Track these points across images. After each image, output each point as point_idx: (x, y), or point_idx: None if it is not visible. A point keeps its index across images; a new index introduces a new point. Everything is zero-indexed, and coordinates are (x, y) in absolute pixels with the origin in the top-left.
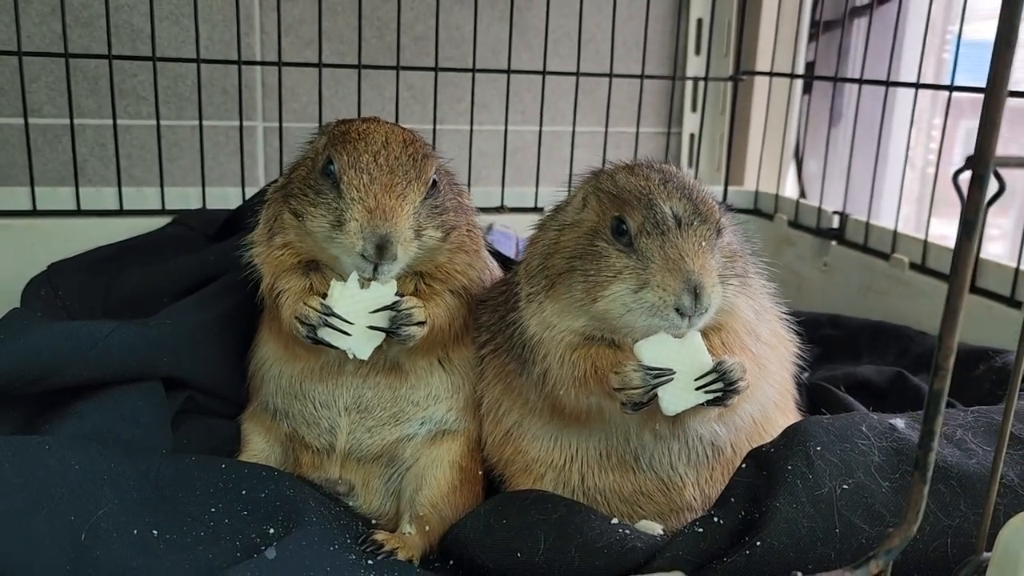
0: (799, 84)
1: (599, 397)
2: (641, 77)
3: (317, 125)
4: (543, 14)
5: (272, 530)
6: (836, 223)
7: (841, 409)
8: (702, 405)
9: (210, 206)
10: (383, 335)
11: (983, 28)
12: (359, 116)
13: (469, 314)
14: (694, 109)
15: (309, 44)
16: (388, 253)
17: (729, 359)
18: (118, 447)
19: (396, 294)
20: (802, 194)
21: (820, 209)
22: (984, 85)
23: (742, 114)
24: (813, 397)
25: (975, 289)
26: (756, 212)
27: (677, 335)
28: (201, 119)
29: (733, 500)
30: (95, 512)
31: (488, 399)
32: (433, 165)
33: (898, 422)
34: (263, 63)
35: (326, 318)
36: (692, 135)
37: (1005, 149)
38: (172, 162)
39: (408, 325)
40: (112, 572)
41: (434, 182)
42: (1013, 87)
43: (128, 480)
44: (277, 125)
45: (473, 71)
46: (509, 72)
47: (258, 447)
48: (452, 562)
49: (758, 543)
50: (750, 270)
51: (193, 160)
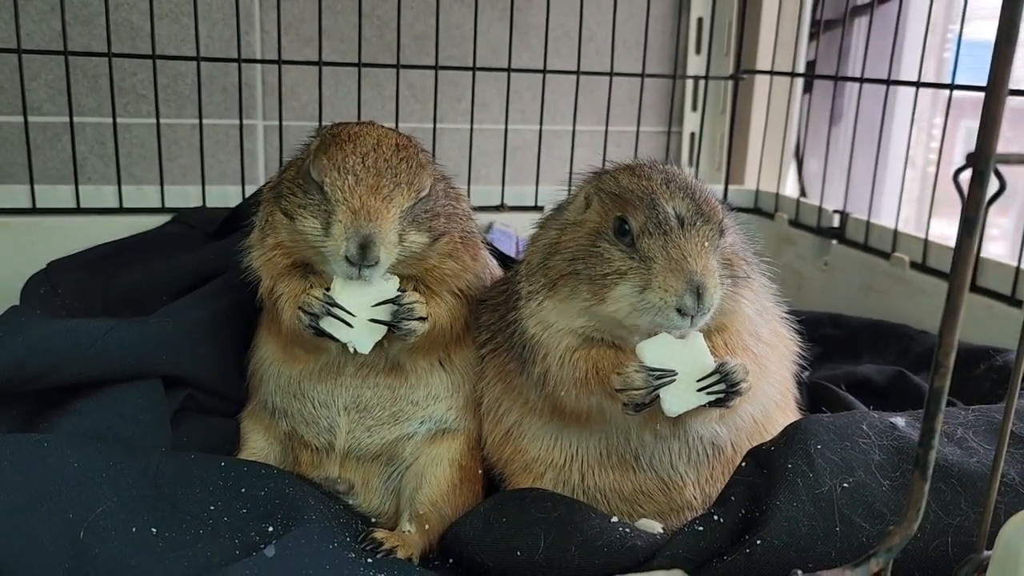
0: (800, 83)
1: (600, 398)
2: (642, 76)
3: (317, 124)
4: (543, 13)
5: (271, 528)
6: (837, 222)
7: (842, 408)
8: (704, 406)
9: (210, 204)
10: (384, 329)
11: (984, 28)
12: (359, 114)
13: (470, 315)
14: (694, 108)
15: (309, 42)
16: (370, 255)
17: (731, 360)
18: (117, 445)
19: (399, 289)
20: (803, 193)
21: (821, 208)
22: (985, 84)
23: (743, 113)
24: (814, 396)
25: (976, 288)
26: (757, 211)
27: (679, 335)
28: (201, 117)
29: (733, 498)
30: (94, 510)
31: (488, 398)
32: (427, 175)
33: (898, 421)
34: (263, 61)
35: (329, 308)
36: (692, 134)
37: (1006, 149)
38: (172, 160)
39: (409, 319)
40: (111, 570)
41: (427, 190)
42: (1014, 86)
43: (127, 478)
44: (277, 123)
45: (473, 70)
46: (509, 71)
47: (257, 445)
48: (452, 560)
49: (758, 541)
50: (752, 270)
51: (193, 158)
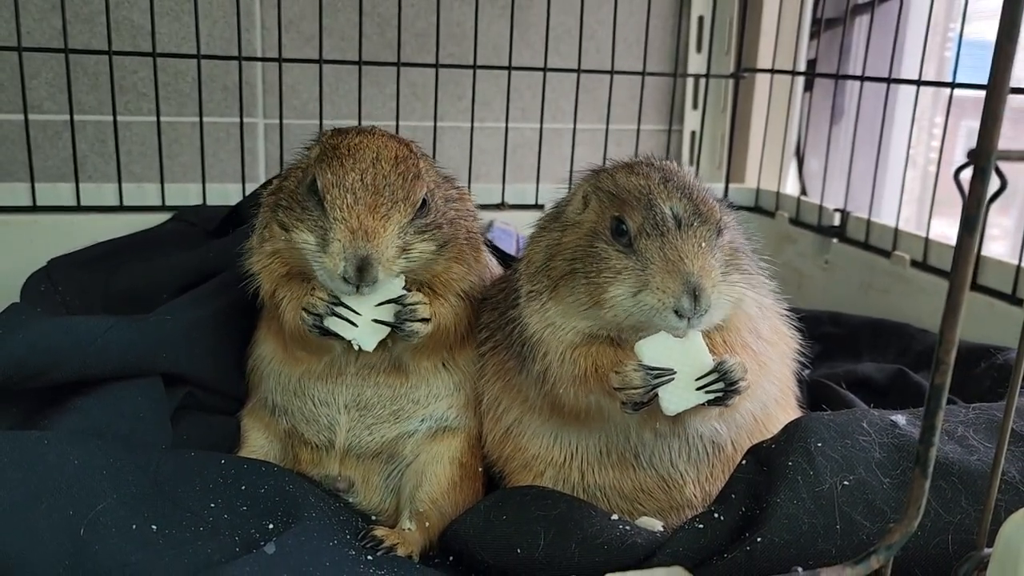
0: (800, 81)
1: (599, 396)
2: (642, 74)
3: (318, 122)
4: (544, 11)
5: (271, 525)
6: (837, 221)
7: (842, 406)
8: (703, 404)
9: (210, 203)
10: (388, 328)
11: (984, 28)
12: (360, 113)
13: (473, 316)
14: (695, 106)
15: (310, 40)
16: (368, 276)
17: (730, 359)
18: (117, 442)
19: (403, 288)
20: (803, 191)
21: (821, 207)
22: (986, 82)
23: (743, 111)
24: (814, 394)
25: (976, 286)
26: (757, 210)
27: (678, 335)
28: (201, 115)
29: (734, 496)
30: (94, 507)
31: (488, 396)
32: (422, 187)
33: (899, 418)
34: (264, 59)
35: (333, 307)
36: (693, 132)
37: (1007, 148)
38: (172, 158)
39: (413, 321)
40: (111, 567)
41: (424, 202)
42: (1014, 84)
43: (127, 475)
44: (278, 122)
45: (474, 68)
46: (510, 69)
47: (257, 443)
48: (452, 558)
49: (759, 539)
50: (752, 268)
51: (193, 156)
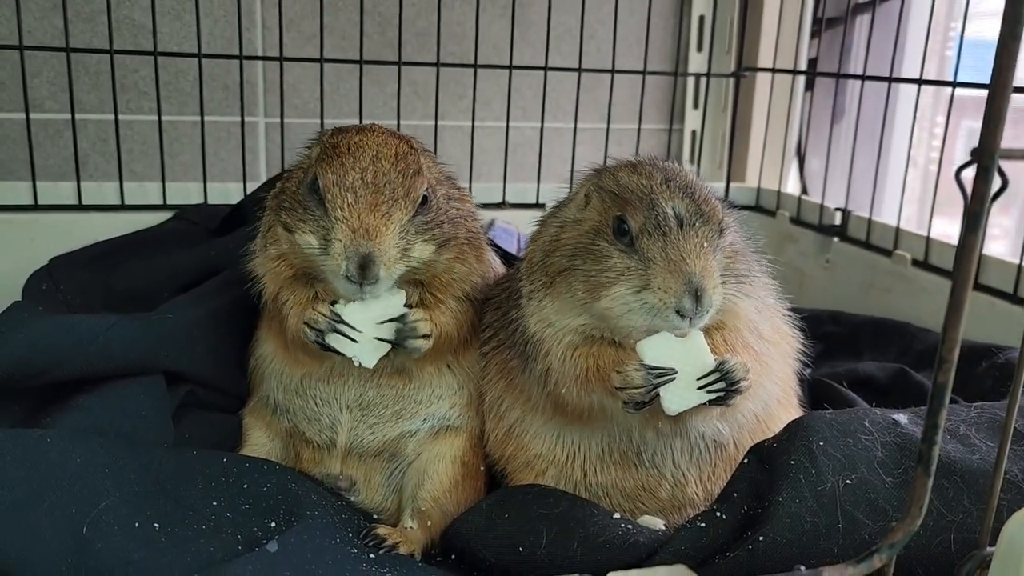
0: (801, 81)
1: (601, 395)
2: (643, 73)
3: (319, 121)
4: (545, 10)
5: (274, 524)
6: (838, 220)
7: (844, 405)
8: (704, 404)
9: (211, 202)
10: (389, 345)
11: (985, 27)
12: (360, 112)
13: (476, 317)
14: (696, 106)
15: (311, 39)
16: (370, 274)
17: (732, 359)
18: (119, 441)
19: (404, 305)
20: (804, 191)
21: (822, 206)
22: (987, 82)
23: (744, 111)
24: (815, 393)
25: (978, 286)
26: (758, 209)
27: (679, 334)
28: (203, 114)
29: (736, 495)
30: (96, 505)
31: (490, 396)
32: (423, 183)
33: (901, 417)
34: (265, 58)
35: (335, 324)
36: (694, 132)
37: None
38: (173, 157)
39: (414, 338)
40: (113, 565)
41: (425, 198)
42: (1017, 84)
43: (129, 473)
44: (279, 121)
45: (475, 67)
46: (511, 68)
47: (259, 442)
48: (454, 557)
49: (761, 538)
50: (753, 268)
51: (194, 155)
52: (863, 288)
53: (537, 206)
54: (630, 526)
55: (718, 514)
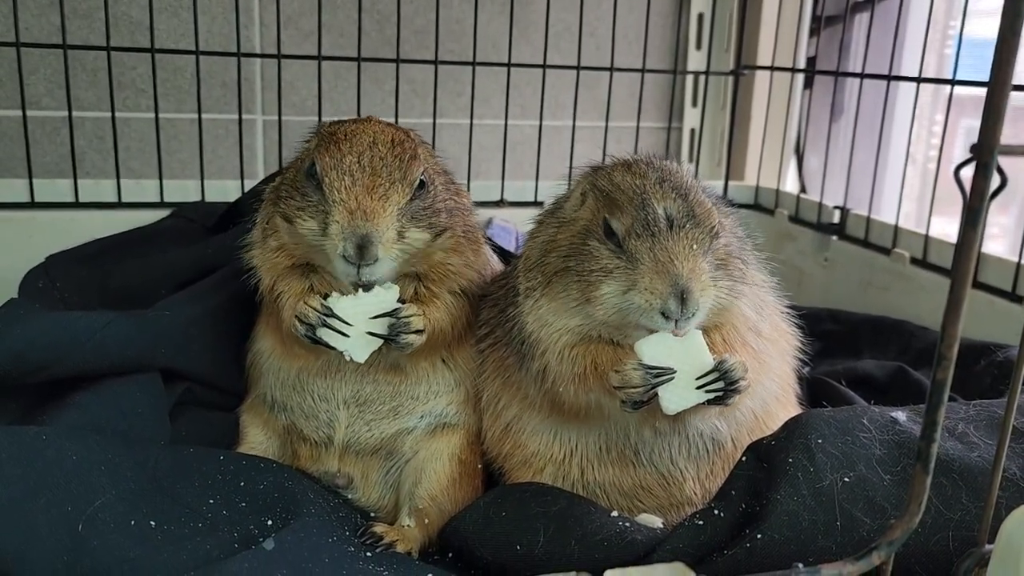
0: (800, 79)
1: (599, 394)
2: (642, 71)
3: (316, 118)
4: (544, 8)
5: (270, 521)
6: (837, 218)
7: (842, 403)
8: (703, 403)
9: (209, 199)
10: (381, 340)
11: (984, 25)
12: (359, 109)
13: (472, 313)
14: (695, 104)
15: (308, 37)
16: (368, 254)
17: (730, 358)
18: (116, 438)
19: (398, 300)
20: (803, 189)
21: (821, 204)
22: (986, 80)
23: (743, 109)
24: (814, 391)
25: (977, 284)
26: (757, 207)
27: (676, 334)
28: (200, 112)
29: (734, 493)
30: (93, 503)
31: (488, 393)
32: (420, 166)
33: (899, 415)
34: (262, 56)
35: (325, 318)
36: (693, 130)
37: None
38: (171, 155)
39: (407, 333)
40: (110, 563)
41: (422, 183)
42: (1016, 81)
43: (126, 471)
44: (276, 118)
45: (473, 65)
46: (509, 66)
47: (256, 439)
48: (451, 555)
49: (759, 535)
50: (750, 268)
51: (192, 153)
52: (862, 286)
53: (535, 204)
54: (628, 524)
55: (716, 512)
